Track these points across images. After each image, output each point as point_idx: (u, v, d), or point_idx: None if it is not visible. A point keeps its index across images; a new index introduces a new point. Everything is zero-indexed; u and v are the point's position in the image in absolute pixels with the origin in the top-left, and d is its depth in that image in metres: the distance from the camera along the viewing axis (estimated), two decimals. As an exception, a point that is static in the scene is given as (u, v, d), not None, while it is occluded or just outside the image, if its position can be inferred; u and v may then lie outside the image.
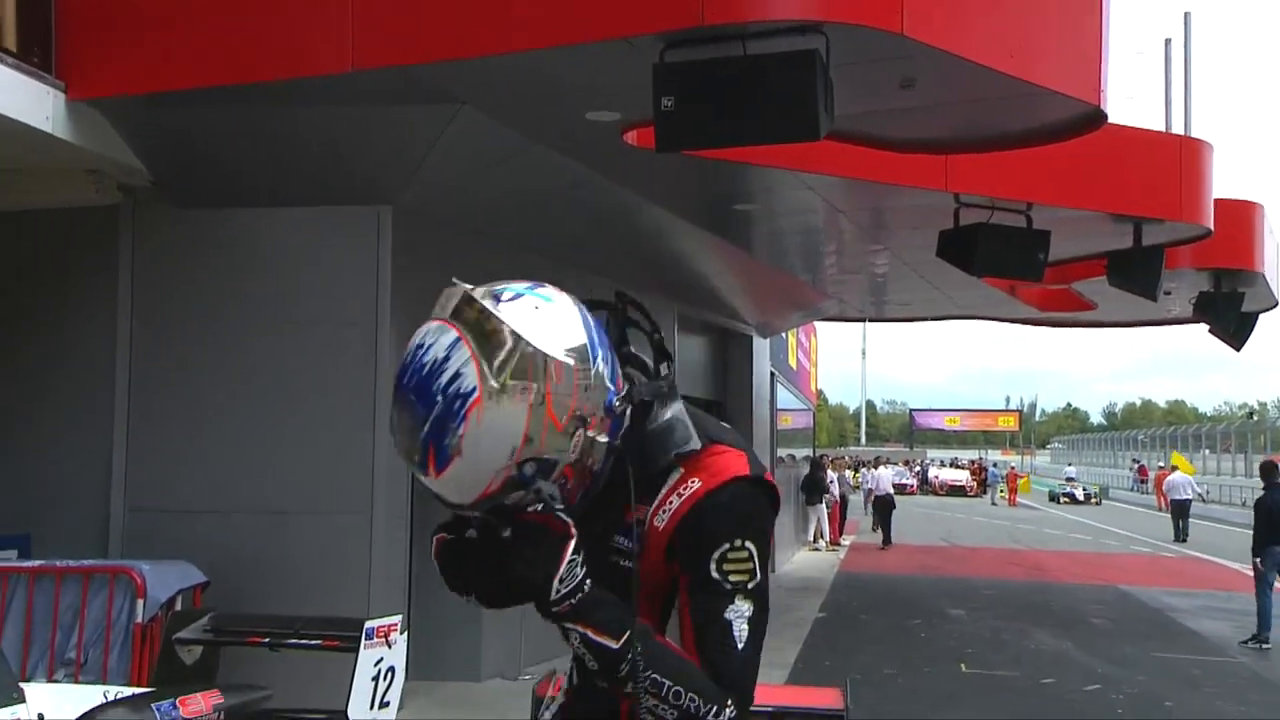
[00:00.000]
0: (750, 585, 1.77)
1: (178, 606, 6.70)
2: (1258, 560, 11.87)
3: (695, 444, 1.83)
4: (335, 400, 7.48)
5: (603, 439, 1.70)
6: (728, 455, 1.85)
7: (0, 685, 3.91)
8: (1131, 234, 9.41)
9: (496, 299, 1.66)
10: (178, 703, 4.28)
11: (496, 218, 8.44)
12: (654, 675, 1.69)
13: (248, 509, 7.40)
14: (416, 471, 1.64)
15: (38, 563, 6.76)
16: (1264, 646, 11.67)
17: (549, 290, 1.74)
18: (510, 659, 8.87)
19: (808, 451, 26.38)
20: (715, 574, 1.76)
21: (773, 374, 18.81)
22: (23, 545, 7.17)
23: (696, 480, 1.81)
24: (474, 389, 1.58)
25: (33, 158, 6.81)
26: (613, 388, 1.72)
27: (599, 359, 1.69)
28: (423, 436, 1.60)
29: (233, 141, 7.08)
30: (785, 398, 21.25)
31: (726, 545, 1.77)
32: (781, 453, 20.54)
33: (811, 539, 22.34)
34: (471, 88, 6.48)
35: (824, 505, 22.56)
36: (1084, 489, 47.72)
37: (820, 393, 36.18)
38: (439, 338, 1.63)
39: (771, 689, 4.05)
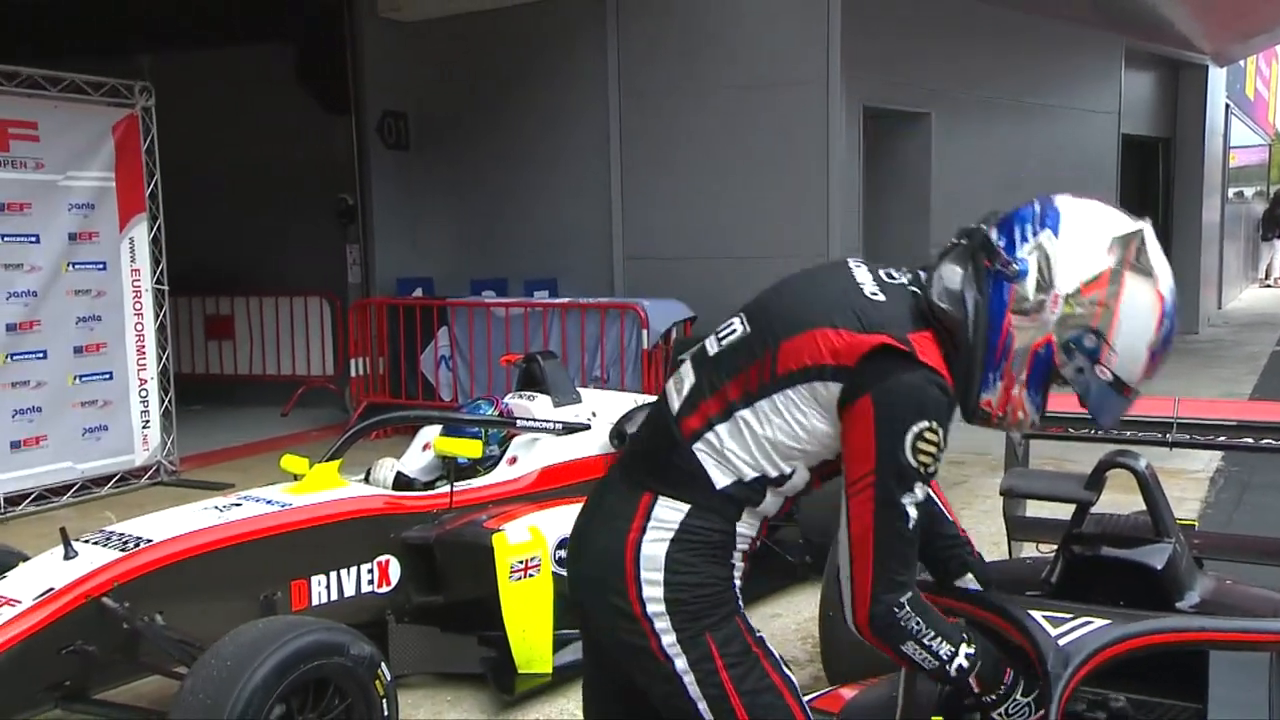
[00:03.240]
0: None
1: (674, 336, 7.36)
2: None
3: None
4: (793, 155, 7.58)
5: None
6: None
7: (565, 388, 4.56)
8: None
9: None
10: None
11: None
12: None
13: (722, 255, 7.81)
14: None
15: (565, 300, 7.66)
16: None
17: None
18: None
19: (1259, 188, 23.05)
20: None
21: (1227, 106, 16.37)
22: (552, 287, 8.13)
23: None
24: None
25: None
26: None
27: None
28: None
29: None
30: (1240, 132, 18.51)
31: None
32: (1230, 191, 18.09)
33: (1263, 276, 19.86)
34: None
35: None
36: None
37: (1276, 126, 30.96)
38: None
39: (1265, 406, 3.75)
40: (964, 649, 1.77)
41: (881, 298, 1.77)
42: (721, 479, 1.79)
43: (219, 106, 9.21)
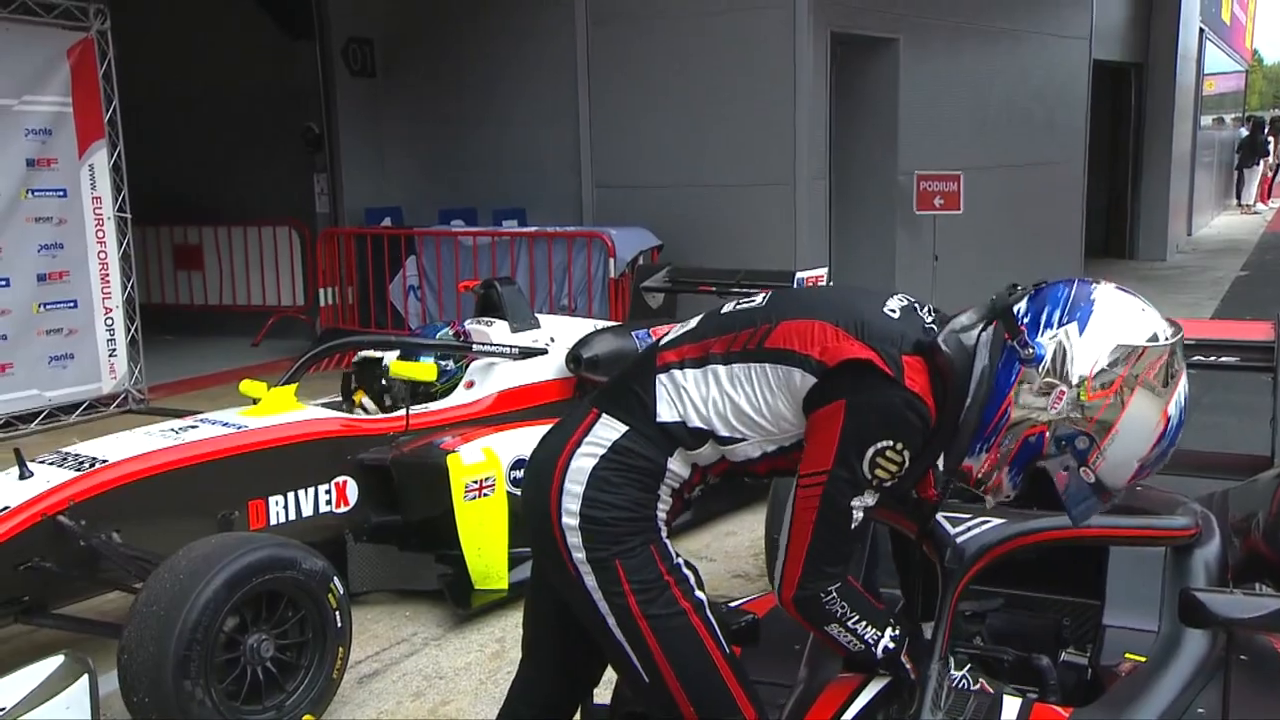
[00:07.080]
0: None
1: (640, 264, 7.38)
2: None
3: None
4: (761, 81, 7.53)
5: None
6: None
7: (522, 315, 4.61)
8: None
9: None
10: (650, 331, 4.80)
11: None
12: None
13: (690, 183, 7.81)
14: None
15: (534, 229, 7.66)
16: None
17: None
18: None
19: (1236, 114, 23.03)
20: None
21: (1202, 30, 16.27)
22: (521, 216, 8.12)
23: None
24: None
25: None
26: None
27: None
28: None
29: None
30: (1215, 57, 18.41)
31: None
32: (1206, 119, 18.06)
33: (1238, 201, 19.95)
34: None
35: (1260, 167, 19.88)
36: None
37: (1255, 51, 30.72)
38: None
39: (1198, 323, 3.84)
40: (889, 632, 1.81)
41: (894, 316, 1.78)
42: (665, 412, 1.83)
43: (181, 31, 9.03)
